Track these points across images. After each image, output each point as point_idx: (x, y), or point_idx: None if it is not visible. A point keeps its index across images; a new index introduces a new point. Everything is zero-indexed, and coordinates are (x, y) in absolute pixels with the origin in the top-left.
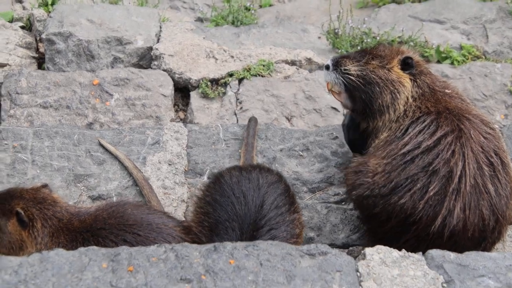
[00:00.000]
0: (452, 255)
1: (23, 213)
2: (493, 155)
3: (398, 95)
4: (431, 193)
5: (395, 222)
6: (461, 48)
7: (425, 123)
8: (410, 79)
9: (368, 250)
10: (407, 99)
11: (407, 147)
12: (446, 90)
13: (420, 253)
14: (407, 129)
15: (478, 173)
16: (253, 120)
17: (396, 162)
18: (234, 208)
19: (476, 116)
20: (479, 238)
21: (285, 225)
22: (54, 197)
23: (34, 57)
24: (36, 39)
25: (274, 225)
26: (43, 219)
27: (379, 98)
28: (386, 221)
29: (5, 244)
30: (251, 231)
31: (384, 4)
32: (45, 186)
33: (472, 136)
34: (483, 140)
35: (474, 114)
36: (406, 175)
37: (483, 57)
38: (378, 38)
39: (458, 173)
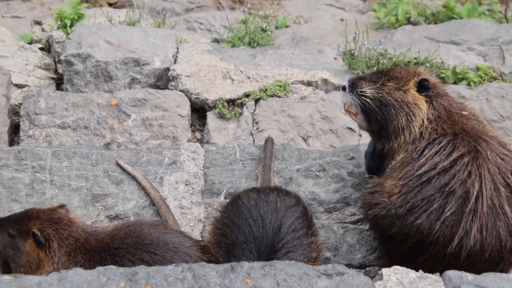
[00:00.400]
0: (469, 276)
1: (39, 234)
2: (510, 176)
3: (413, 117)
4: (448, 214)
5: (411, 242)
6: (478, 69)
7: (441, 144)
8: (426, 101)
9: (385, 271)
10: (423, 121)
11: (424, 168)
12: (463, 112)
13: (438, 274)
14: (423, 151)
15: (495, 194)
16: (269, 141)
17: (413, 183)
18: (251, 230)
19: (493, 137)
20: (497, 259)
21: (302, 248)
22: (71, 217)
23: (52, 78)
24: (54, 61)
25: (291, 248)
26: (60, 239)
27: (395, 120)
28: (402, 242)
29: (23, 263)
30: (268, 253)
31: (400, 26)
32: (62, 206)
33: (489, 157)
34: (500, 161)
35: (491, 136)
36: (423, 196)
37: (500, 78)
38: (394, 59)
39: (475, 193)
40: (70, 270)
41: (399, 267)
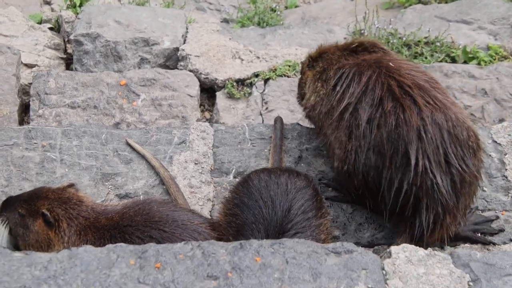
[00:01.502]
0: (478, 254)
1: (48, 214)
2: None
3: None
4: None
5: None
6: (488, 48)
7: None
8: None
9: (393, 249)
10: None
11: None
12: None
13: (447, 251)
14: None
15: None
16: (279, 121)
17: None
18: (261, 211)
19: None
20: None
21: (311, 230)
22: (80, 196)
23: (62, 58)
24: (64, 40)
25: (300, 230)
26: (69, 219)
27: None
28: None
29: (33, 243)
30: (277, 234)
31: (410, 5)
32: (71, 185)
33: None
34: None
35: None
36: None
37: (510, 57)
38: (404, 38)
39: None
40: (80, 247)
41: (407, 245)
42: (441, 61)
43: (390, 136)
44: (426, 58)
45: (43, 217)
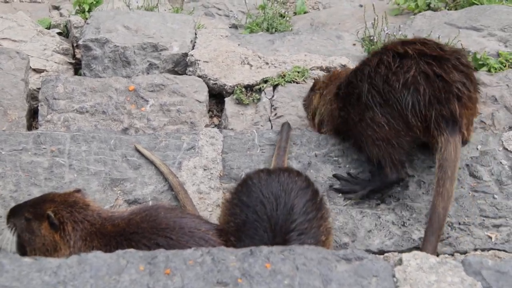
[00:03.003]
0: (490, 261)
1: (53, 216)
2: None
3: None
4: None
5: None
6: (499, 55)
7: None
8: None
9: (404, 256)
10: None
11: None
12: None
13: (458, 259)
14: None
15: None
16: (286, 125)
17: None
18: (264, 208)
19: None
20: None
21: (312, 231)
22: (86, 201)
23: (71, 63)
24: (73, 46)
25: (303, 230)
26: (74, 222)
27: None
28: None
29: (39, 247)
30: (283, 233)
31: (419, 11)
32: (78, 191)
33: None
34: None
35: None
36: None
37: None
38: None
39: None
40: (90, 253)
41: (419, 252)
42: None
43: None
44: None
45: (48, 219)
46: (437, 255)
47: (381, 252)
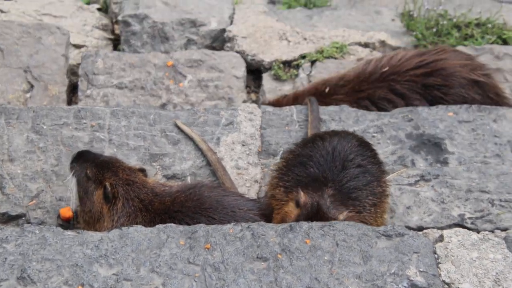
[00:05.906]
0: None
1: (109, 189)
2: None
3: None
4: None
5: None
6: None
7: None
8: None
9: (446, 232)
10: None
11: None
12: None
13: (501, 236)
14: None
15: None
16: (314, 102)
17: None
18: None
19: None
20: None
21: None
22: (145, 180)
23: (110, 39)
24: (112, 21)
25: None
26: (125, 199)
27: None
28: None
29: (86, 210)
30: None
31: None
32: (143, 170)
33: None
34: None
35: None
36: None
37: None
38: (454, 20)
39: None
40: (131, 227)
41: (460, 229)
42: (492, 43)
43: None
44: (476, 40)
45: (104, 190)
46: (478, 232)
47: (420, 228)
